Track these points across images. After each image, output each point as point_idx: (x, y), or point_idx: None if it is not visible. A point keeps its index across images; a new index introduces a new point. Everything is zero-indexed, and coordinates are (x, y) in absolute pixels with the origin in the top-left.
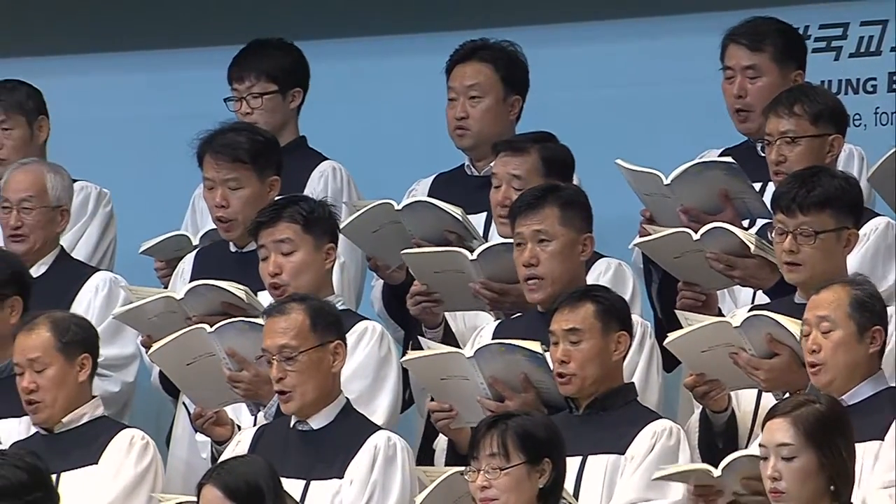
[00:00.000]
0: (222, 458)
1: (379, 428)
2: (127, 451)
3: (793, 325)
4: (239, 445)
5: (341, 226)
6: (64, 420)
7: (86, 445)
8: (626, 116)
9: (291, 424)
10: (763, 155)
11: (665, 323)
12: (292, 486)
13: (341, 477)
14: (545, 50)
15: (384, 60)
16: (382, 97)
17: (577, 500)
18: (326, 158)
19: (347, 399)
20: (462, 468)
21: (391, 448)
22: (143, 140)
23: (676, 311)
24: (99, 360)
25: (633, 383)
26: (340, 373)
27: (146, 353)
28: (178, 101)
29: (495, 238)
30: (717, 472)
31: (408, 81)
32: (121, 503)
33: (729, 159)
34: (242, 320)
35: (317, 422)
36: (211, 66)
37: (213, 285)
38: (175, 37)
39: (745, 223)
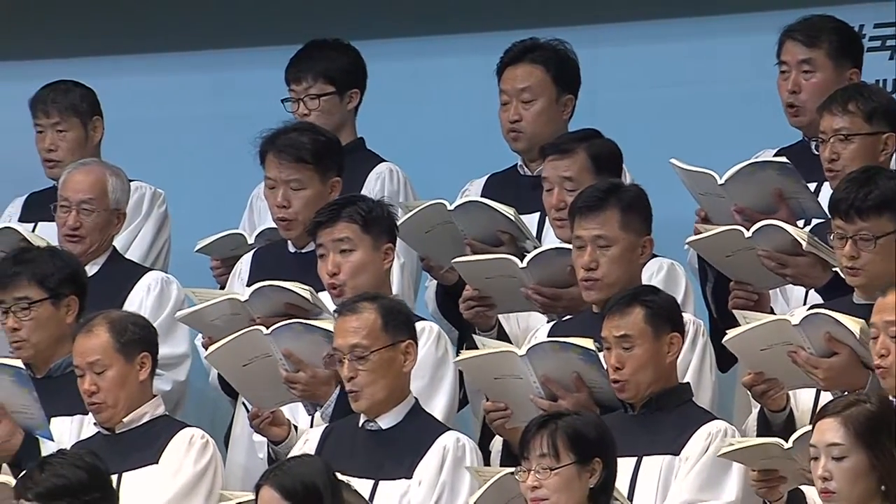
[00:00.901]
0: (289, 456)
1: (448, 428)
2: (186, 449)
3: (853, 324)
4: (307, 444)
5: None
6: (125, 420)
7: (146, 445)
8: (680, 116)
9: (360, 424)
10: (818, 153)
11: (720, 323)
12: (360, 486)
13: (410, 477)
14: (598, 50)
15: (439, 60)
16: (436, 97)
17: (631, 500)
18: (384, 160)
19: (416, 399)
20: (513, 469)
21: (460, 449)
22: (199, 140)
23: (734, 311)
24: None
25: (688, 384)
26: (410, 372)
27: (203, 354)
28: (234, 101)
29: (549, 239)
30: (787, 444)
31: (462, 81)
32: (179, 501)
33: (783, 159)
34: (299, 322)
35: (386, 421)
36: (267, 66)
37: (277, 286)
38: (231, 37)
39: (801, 223)
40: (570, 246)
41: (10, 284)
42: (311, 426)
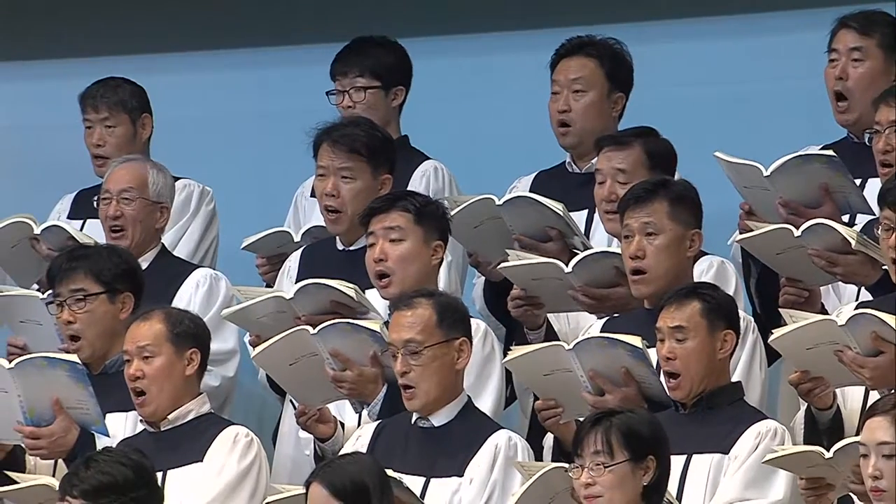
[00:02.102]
0: (341, 453)
1: (500, 427)
2: (231, 448)
3: None
4: (359, 440)
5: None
6: (170, 416)
7: (191, 443)
8: (726, 114)
9: (413, 421)
10: (867, 146)
11: (764, 317)
12: (412, 483)
13: (461, 475)
14: (646, 47)
15: (488, 58)
16: (484, 95)
17: (680, 499)
18: (428, 157)
19: (469, 397)
20: (559, 464)
21: (512, 448)
22: (244, 138)
23: (780, 310)
24: None
25: (739, 383)
26: (464, 371)
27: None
28: (280, 99)
29: (597, 236)
30: (828, 454)
31: (510, 79)
32: (223, 499)
33: (830, 152)
34: (346, 322)
35: (438, 419)
36: (313, 63)
37: (322, 284)
38: (277, 34)
39: (846, 218)
40: (613, 249)
41: (67, 277)
42: (359, 424)
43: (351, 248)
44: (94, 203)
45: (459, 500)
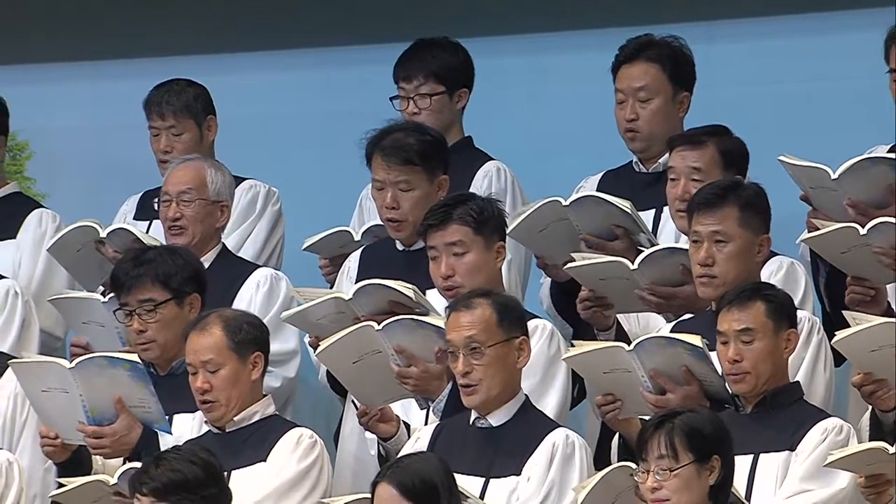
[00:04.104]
0: (401, 455)
1: (558, 425)
2: (293, 448)
3: None
4: (418, 442)
5: (508, 229)
6: (236, 419)
7: (256, 444)
8: (793, 113)
9: (471, 421)
10: None
11: (834, 317)
12: (471, 483)
13: (519, 474)
14: (712, 46)
15: (552, 57)
16: (549, 94)
17: (749, 499)
18: (491, 158)
19: (527, 396)
20: (625, 463)
21: (569, 446)
22: (309, 138)
23: (844, 312)
24: None
25: (798, 382)
26: (522, 370)
27: (313, 353)
28: (345, 99)
29: (665, 234)
30: (892, 449)
31: (575, 78)
32: (277, 497)
33: None
34: (411, 318)
35: (496, 419)
36: (378, 63)
37: (381, 284)
38: (342, 34)
39: None
40: (680, 245)
41: (134, 287)
42: (426, 422)
43: (410, 248)
44: (155, 205)
45: (517, 498)
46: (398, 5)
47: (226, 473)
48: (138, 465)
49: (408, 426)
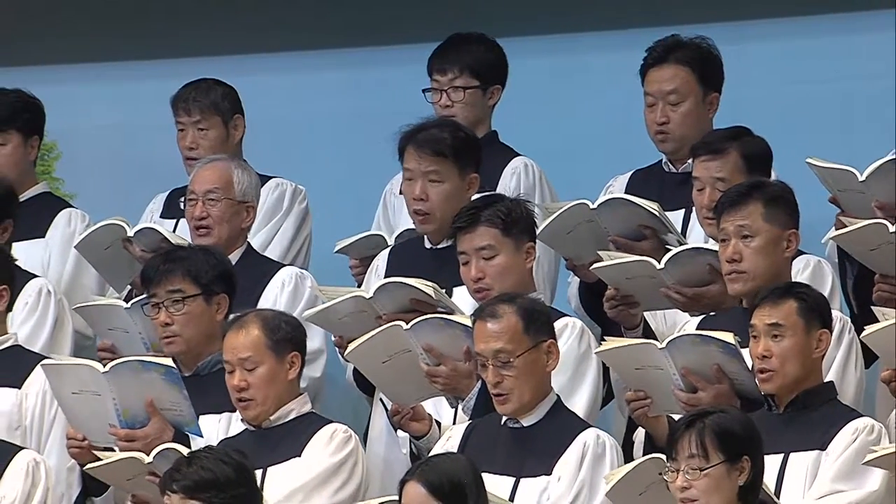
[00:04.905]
0: (432, 453)
1: (588, 425)
2: (327, 443)
3: None
4: (449, 441)
5: (536, 231)
6: (272, 417)
7: (292, 440)
8: (822, 113)
9: (502, 422)
10: None
11: (861, 318)
12: (502, 483)
13: (549, 474)
14: (743, 46)
15: (581, 57)
16: (578, 94)
17: (778, 497)
18: (518, 154)
19: (558, 396)
20: (656, 455)
21: (600, 446)
22: (336, 138)
23: (873, 307)
24: None
25: (831, 382)
26: (552, 371)
27: (343, 352)
28: (372, 99)
29: (694, 235)
30: None
31: (604, 78)
32: (309, 490)
33: None
34: (439, 317)
35: (528, 419)
36: (407, 63)
37: (401, 283)
38: (368, 35)
39: None
40: (707, 245)
41: (164, 279)
42: (455, 420)
43: (438, 246)
44: (181, 204)
45: (548, 497)
46: (426, 6)
47: (262, 471)
48: (176, 445)
49: (440, 424)
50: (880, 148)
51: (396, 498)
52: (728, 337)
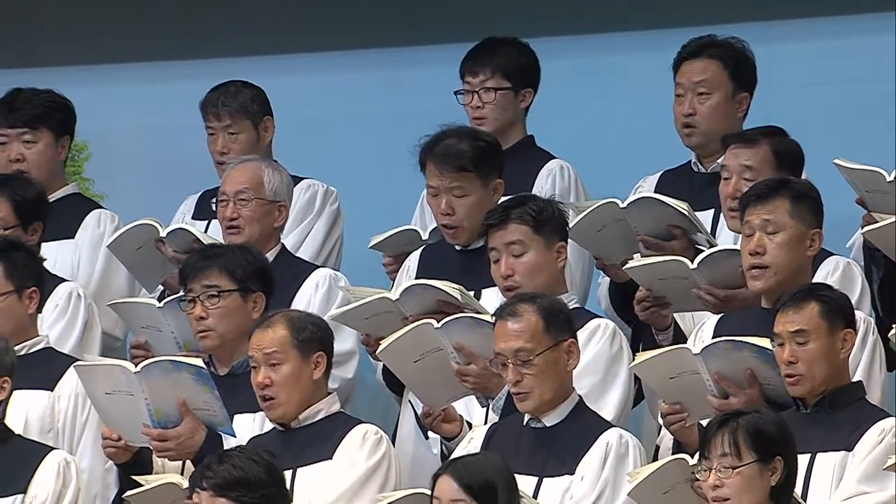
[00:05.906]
0: (454, 456)
1: (611, 425)
2: (360, 445)
3: None
4: (472, 442)
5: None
6: (300, 416)
7: (321, 441)
8: (852, 113)
9: (525, 422)
10: None
11: (887, 322)
12: (525, 483)
13: (572, 473)
14: (773, 46)
15: (613, 57)
16: (610, 95)
17: (805, 498)
18: (554, 157)
19: (580, 396)
20: (682, 455)
21: (623, 446)
22: (370, 138)
23: None
24: None
25: (860, 382)
26: (573, 371)
27: (370, 350)
28: (405, 99)
29: (723, 235)
30: None
31: (636, 78)
32: (350, 496)
33: None
34: (469, 316)
35: (550, 419)
36: (439, 63)
37: (427, 285)
38: (402, 35)
39: None
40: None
41: (200, 274)
42: (486, 420)
43: (468, 248)
44: (213, 205)
45: (570, 497)
46: (459, 5)
47: (291, 471)
48: None
49: (471, 425)
50: None
51: (426, 491)
52: (764, 342)
